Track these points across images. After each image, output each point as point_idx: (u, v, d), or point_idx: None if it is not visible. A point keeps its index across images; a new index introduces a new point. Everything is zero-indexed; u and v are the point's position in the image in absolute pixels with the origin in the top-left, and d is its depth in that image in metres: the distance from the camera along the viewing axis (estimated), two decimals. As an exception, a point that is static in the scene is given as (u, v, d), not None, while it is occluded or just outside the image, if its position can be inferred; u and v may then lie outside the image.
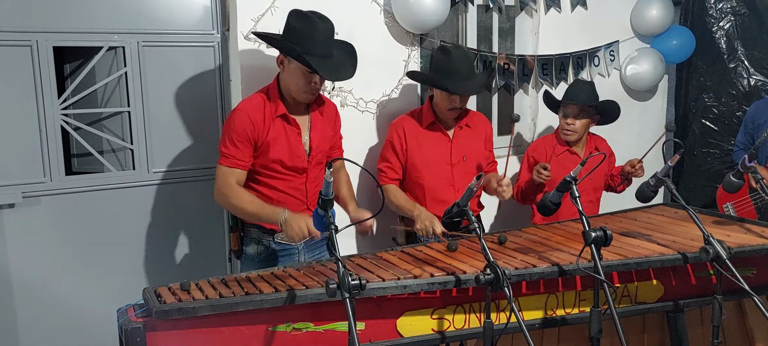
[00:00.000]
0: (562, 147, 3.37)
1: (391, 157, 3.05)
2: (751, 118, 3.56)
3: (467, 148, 3.09)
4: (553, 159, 3.33)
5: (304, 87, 2.52)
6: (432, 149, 3.04)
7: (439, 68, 2.96)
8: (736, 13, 4.05)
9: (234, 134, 2.50)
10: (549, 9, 3.83)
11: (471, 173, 3.02)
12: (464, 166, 3.06)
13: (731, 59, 4.07)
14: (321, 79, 2.54)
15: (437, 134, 3.06)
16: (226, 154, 2.52)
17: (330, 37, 2.53)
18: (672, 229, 2.77)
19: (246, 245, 2.70)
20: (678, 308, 2.52)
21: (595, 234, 2.06)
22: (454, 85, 2.90)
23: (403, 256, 2.43)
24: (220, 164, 2.54)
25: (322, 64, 2.46)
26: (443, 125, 3.07)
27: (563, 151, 3.36)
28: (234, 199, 2.50)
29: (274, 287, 2.04)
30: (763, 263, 2.60)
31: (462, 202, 2.15)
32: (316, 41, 2.47)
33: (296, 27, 2.49)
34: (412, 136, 3.03)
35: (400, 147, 3.03)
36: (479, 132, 3.15)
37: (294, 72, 2.51)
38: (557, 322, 2.35)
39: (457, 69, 2.91)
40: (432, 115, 3.05)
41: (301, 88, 2.53)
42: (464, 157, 3.07)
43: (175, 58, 3.04)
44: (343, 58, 2.64)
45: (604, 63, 4.05)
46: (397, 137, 3.03)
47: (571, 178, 2.23)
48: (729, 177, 2.71)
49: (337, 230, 1.89)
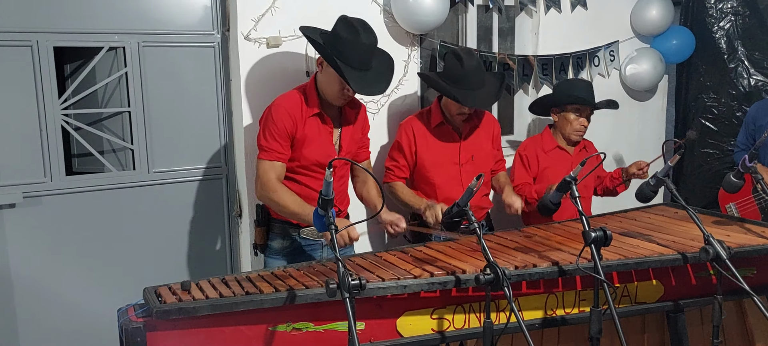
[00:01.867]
0: (552, 145, 3.37)
1: (398, 157, 3.07)
2: (753, 118, 3.56)
3: (476, 148, 3.10)
4: (544, 158, 3.34)
5: (338, 93, 2.60)
6: (441, 150, 3.06)
7: (451, 75, 2.95)
8: (737, 13, 4.05)
9: (273, 127, 2.56)
10: (549, 9, 3.83)
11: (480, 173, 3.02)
12: (473, 166, 3.07)
13: (731, 59, 4.07)
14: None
15: (446, 135, 3.07)
16: (266, 148, 2.58)
17: (371, 50, 2.58)
18: (672, 229, 2.77)
19: (272, 240, 2.75)
20: (678, 308, 2.52)
21: (595, 234, 2.07)
22: (466, 95, 2.90)
23: (403, 256, 2.43)
24: (260, 159, 2.60)
25: (357, 78, 2.51)
26: (452, 126, 3.08)
27: (553, 148, 3.36)
28: (276, 196, 2.55)
29: (274, 287, 2.04)
30: (763, 263, 2.60)
31: (462, 202, 2.15)
32: (356, 53, 2.52)
33: (340, 35, 2.54)
34: (421, 137, 3.05)
35: (409, 148, 3.05)
36: (487, 132, 3.16)
37: (330, 77, 2.57)
38: (557, 322, 2.35)
39: (470, 78, 2.91)
40: (441, 116, 3.06)
41: (336, 94, 2.60)
42: (473, 156, 3.08)
43: (175, 59, 3.05)
44: (380, 71, 2.68)
45: (604, 63, 4.05)
46: (406, 138, 3.05)
47: (571, 178, 2.24)
48: (729, 177, 2.72)
49: (337, 229, 1.90)
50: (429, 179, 3.06)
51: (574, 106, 3.29)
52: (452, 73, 2.94)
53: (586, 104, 3.27)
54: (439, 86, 3.00)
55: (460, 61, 2.92)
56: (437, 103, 3.09)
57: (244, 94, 3.00)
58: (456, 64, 2.93)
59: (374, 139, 3.35)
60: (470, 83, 2.91)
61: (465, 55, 2.94)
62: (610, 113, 3.95)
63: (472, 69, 2.91)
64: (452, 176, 3.06)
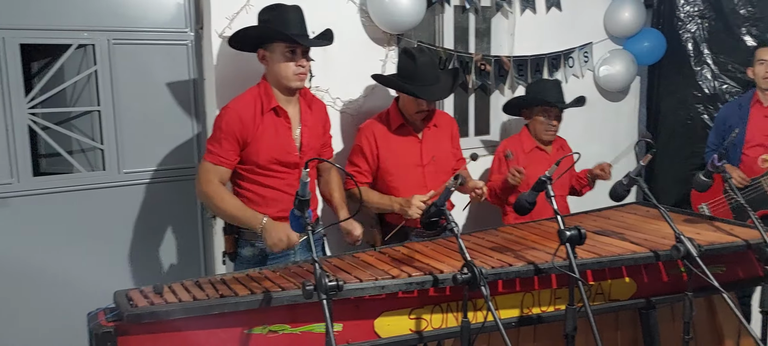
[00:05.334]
0: (531, 145, 3.40)
1: (360, 162, 3.03)
2: (723, 119, 3.63)
3: (436, 147, 3.09)
4: (524, 157, 3.36)
5: (291, 69, 2.55)
6: (402, 152, 3.03)
7: (405, 73, 2.96)
8: (703, 16, 4.12)
9: (220, 132, 2.53)
10: (524, 10, 3.86)
11: (442, 173, 3.03)
12: (435, 167, 3.07)
13: (697, 62, 4.15)
14: (305, 56, 2.57)
15: (407, 136, 3.05)
16: (211, 151, 2.55)
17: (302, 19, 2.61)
18: (644, 227, 2.81)
19: (241, 248, 2.69)
20: (650, 305, 2.56)
21: (570, 233, 2.09)
22: (422, 90, 2.90)
23: (381, 256, 2.42)
24: (204, 160, 2.57)
25: (298, 37, 2.52)
26: (412, 127, 3.06)
27: (532, 148, 3.39)
28: (215, 198, 2.52)
29: (249, 289, 2.02)
30: (732, 261, 2.66)
31: (440, 202, 2.15)
32: (290, 22, 2.55)
33: (267, 18, 2.56)
34: (382, 140, 3.02)
35: (370, 152, 3.01)
36: (445, 131, 3.16)
37: (276, 60, 2.56)
38: (533, 320, 2.37)
39: (424, 74, 2.91)
40: (400, 118, 3.04)
41: (289, 71, 2.56)
42: (434, 157, 3.07)
43: (146, 57, 2.99)
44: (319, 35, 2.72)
45: (578, 64, 4.10)
46: (367, 142, 3.01)
47: (546, 177, 2.25)
48: (698, 177, 2.76)
49: (313, 231, 1.88)
50: (391, 183, 3.02)
51: (542, 108, 3.32)
52: (406, 71, 2.95)
53: (552, 106, 3.30)
54: (393, 84, 3.00)
55: (412, 58, 2.92)
56: (395, 104, 3.08)
57: (218, 93, 2.96)
58: (409, 62, 2.94)
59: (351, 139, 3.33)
60: (424, 79, 2.91)
61: (417, 53, 2.95)
62: (585, 113, 4.00)
63: (425, 65, 2.92)
64: (415, 178, 3.02)
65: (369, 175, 3.04)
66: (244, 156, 2.59)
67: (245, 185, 2.63)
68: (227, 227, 2.71)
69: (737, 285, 2.76)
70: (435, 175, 3.04)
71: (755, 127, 3.43)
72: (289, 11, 2.57)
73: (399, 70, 3.04)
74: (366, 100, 3.35)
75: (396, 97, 3.10)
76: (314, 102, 2.78)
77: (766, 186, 3.33)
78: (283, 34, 2.51)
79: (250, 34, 2.61)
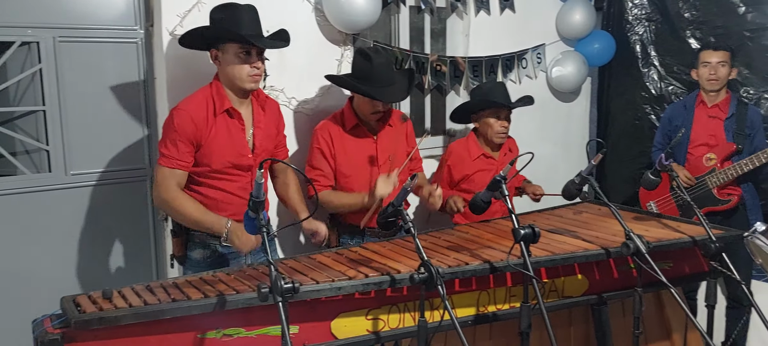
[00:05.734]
0: (478, 150, 3.37)
1: (321, 165, 2.98)
2: (668, 119, 3.74)
3: (392, 147, 3.08)
4: (471, 163, 3.35)
5: (243, 72, 2.50)
6: (358, 153, 3.01)
7: (360, 74, 2.92)
8: (650, 19, 4.24)
9: (174, 134, 2.46)
10: (479, 11, 3.90)
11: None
12: (391, 166, 3.05)
13: (645, 64, 4.26)
14: (260, 60, 2.53)
15: (362, 137, 3.03)
16: (166, 155, 2.47)
17: (256, 19, 2.56)
18: (596, 225, 2.88)
19: (191, 250, 2.64)
20: (602, 301, 2.62)
21: (524, 232, 2.12)
22: (378, 91, 2.87)
23: (338, 257, 2.41)
24: (159, 165, 2.49)
25: (254, 38, 2.47)
26: (367, 127, 3.04)
27: (479, 155, 3.36)
28: (175, 203, 2.46)
29: (202, 293, 1.98)
30: (679, 257, 2.74)
31: (397, 202, 2.15)
32: (244, 22, 2.49)
33: (220, 17, 2.51)
34: (338, 141, 2.99)
35: (329, 152, 2.98)
36: (400, 130, 3.15)
37: (230, 61, 2.50)
38: (489, 318, 2.39)
39: (380, 75, 2.88)
40: (354, 118, 3.01)
41: (243, 73, 2.51)
42: (390, 157, 3.06)
43: (94, 55, 2.91)
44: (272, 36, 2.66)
45: (531, 65, 4.17)
46: (325, 143, 2.98)
47: (501, 177, 2.28)
48: (647, 175, 2.83)
49: (269, 232, 1.86)
50: (347, 185, 3.00)
51: (492, 110, 3.32)
52: (362, 72, 2.92)
53: (502, 107, 3.31)
54: (348, 85, 2.97)
55: (368, 59, 2.89)
56: (349, 105, 3.05)
57: (169, 92, 2.89)
58: (365, 63, 2.90)
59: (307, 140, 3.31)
60: (381, 80, 2.89)
61: (373, 53, 2.92)
62: (537, 114, 4.07)
63: (381, 66, 2.89)
64: (371, 179, 2.99)
65: (331, 177, 3.00)
66: (196, 158, 2.53)
67: (197, 188, 2.57)
68: (175, 229, 2.64)
69: (684, 280, 2.85)
70: None
71: (699, 127, 3.54)
72: (243, 11, 2.52)
73: (354, 70, 3.01)
74: (322, 100, 3.33)
75: (350, 98, 3.08)
76: (267, 102, 2.73)
77: (710, 184, 3.45)
78: (236, 35, 2.45)
79: (203, 34, 2.55)
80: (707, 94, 3.53)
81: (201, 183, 2.57)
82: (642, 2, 4.23)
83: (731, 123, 3.46)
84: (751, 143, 3.42)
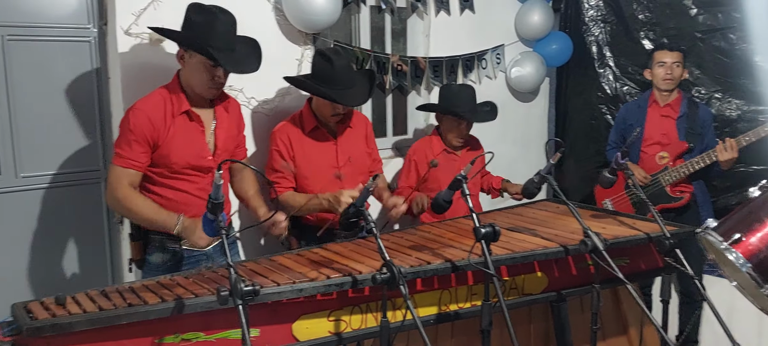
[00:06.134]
0: (441, 146, 3.44)
1: (281, 166, 2.96)
2: (622, 118, 3.82)
3: (352, 149, 3.07)
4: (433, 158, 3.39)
5: (207, 82, 2.48)
6: (318, 155, 2.98)
7: (321, 76, 2.89)
8: (606, 20, 4.33)
9: (129, 134, 2.41)
10: (439, 12, 3.92)
11: (358, 174, 3.02)
12: (351, 168, 3.05)
13: (601, 65, 4.35)
14: (225, 73, 2.49)
15: (321, 139, 3.01)
16: (120, 155, 2.43)
17: (232, 31, 2.50)
18: (554, 223, 2.92)
19: (150, 254, 2.58)
20: (561, 298, 2.66)
21: (484, 230, 2.13)
22: (339, 94, 2.84)
23: (299, 259, 2.39)
24: (113, 164, 2.44)
25: (225, 57, 2.42)
26: (326, 128, 3.02)
27: (441, 151, 3.43)
28: (128, 202, 2.41)
29: (160, 297, 1.94)
30: (635, 253, 2.80)
31: (359, 202, 2.15)
32: (218, 34, 2.43)
33: (196, 20, 2.44)
34: (297, 144, 2.96)
35: (287, 155, 2.95)
36: (360, 132, 3.14)
37: (196, 66, 2.46)
38: (451, 317, 2.41)
39: (341, 77, 2.85)
40: (314, 120, 2.99)
41: (205, 83, 2.48)
42: (350, 158, 3.05)
43: (45, 54, 2.82)
44: (246, 52, 2.61)
45: (491, 65, 4.21)
46: (284, 145, 2.95)
47: (462, 176, 2.29)
48: (604, 174, 2.89)
49: (228, 234, 1.83)
50: (307, 187, 2.97)
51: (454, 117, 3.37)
52: (322, 74, 2.88)
53: (464, 119, 3.35)
54: (310, 88, 2.94)
55: (329, 61, 2.85)
56: (308, 106, 3.02)
57: (124, 92, 2.82)
58: (325, 65, 2.86)
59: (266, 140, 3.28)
60: (342, 82, 2.86)
61: (333, 55, 2.89)
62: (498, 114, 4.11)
63: (342, 68, 2.86)
64: (332, 181, 2.99)
65: (292, 178, 2.97)
66: (154, 159, 2.49)
67: (155, 189, 2.52)
68: (134, 232, 2.59)
69: (640, 276, 2.92)
70: (352, 177, 3.02)
71: (653, 126, 3.62)
72: (220, 23, 2.44)
73: (314, 72, 2.97)
74: (281, 100, 3.30)
75: (309, 99, 3.05)
76: (229, 102, 2.70)
77: (663, 182, 3.54)
78: (208, 52, 2.39)
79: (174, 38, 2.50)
80: (660, 94, 3.61)
81: (159, 183, 2.52)
82: (598, 4, 4.32)
83: (683, 122, 3.56)
84: (701, 142, 3.52)
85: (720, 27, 3.78)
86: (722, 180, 3.73)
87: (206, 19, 2.43)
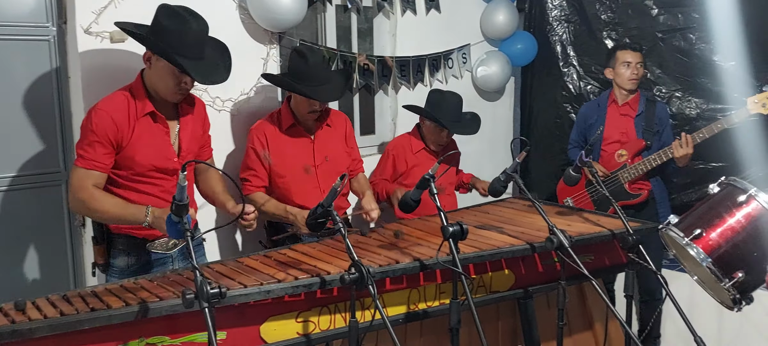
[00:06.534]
0: (419, 145, 3.50)
1: (254, 165, 2.95)
2: (583, 118, 3.88)
3: (329, 148, 3.08)
4: (412, 157, 3.45)
5: (173, 88, 2.44)
6: (295, 153, 2.99)
7: (296, 73, 2.92)
8: (569, 20, 4.40)
9: (92, 135, 2.36)
10: (405, 11, 3.93)
11: (336, 174, 3.01)
12: (328, 167, 3.05)
13: (565, 64, 4.42)
14: (192, 79, 2.43)
15: (298, 137, 3.01)
16: (83, 156, 2.37)
17: (203, 37, 2.45)
18: (521, 221, 2.96)
19: (114, 258, 2.53)
20: (528, 295, 2.69)
21: (452, 229, 2.14)
22: (314, 90, 2.86)
23: (267, 260, 2.37)
24: (75, 166, 2.39)
25: (194, 66, 2.38)
26: (304, 127, 3.03)
27: (420, 149, 3.49)
28: (93, 202, 2.35)
29: (123, 301, 1.90)
30: (599, 250, 2.85)
31: (326, 202, 2.14)
32: (188, 41, 2.38)
33: (166, 25, 2.38)
34: (273, 141, 2.96)
35: (263, 153, 2.95)
36: (340, 131, 3.15)
37: (162, 71, 2.41)
38: (420, 315, 2.42)
39: (316, 74, 2.88)
40: (291, 118, 3.00)
41: (171, 89, 2.44)
42: (327, 157, 3.05)
43: (2, 54, 2.75)
44: (215, 59, 2.57)
45: (457, 65, 4.23)
46: (259, 143, 2.95)
47: (430, 175, 2.30)
48: (568, 172, 2.93)
49: (192, 236, 1.80)
50: (284, 186, 2.98)
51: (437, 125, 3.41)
52: (297, 71, 2.91)
53: (446, 128, 3.40)
54: (285, 84, 2.97)
55: (303, 58, 2.89)
56: (287, 104, 3.03)
57: (85, 92, 2.76)
58: (300, 62, 2.90)
59: (239, 139, 3.26)
60: (316, 79, 2.89)
61: (308, 52, 2.92)
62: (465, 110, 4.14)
63: (317, 65, 2.90)
64: (308, 180, 3.00)
65: (265, 178, 2.97)
66: (118, 161, 2.44)
67: (120, 191, 2.47)
68: (97, 235, 2.53)
69: (604, 272, 2.97)
70: (328, 176, 3.02)
71: (612, 124, 3.69)
72: (190, 31, 2.38)
73: (290, 69, 2.99)
74: (246, 99, 3.27)
75: (287, 98, 3.05)
76: (194, 102, 2.66)
77: (622, 179, 3.61)
78: (175, 61, 2.34)
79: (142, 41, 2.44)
80: (620, 93, 3.68)
81: (123, 186, 2.47)
82: (561, 4, 4.38)
83: (641, 120, 3.63)
84: (659, 139, 3.59)
85: (680, 27, 3.87)
86: (682, 177, 3.82)
87: (177, 25, 2.38)
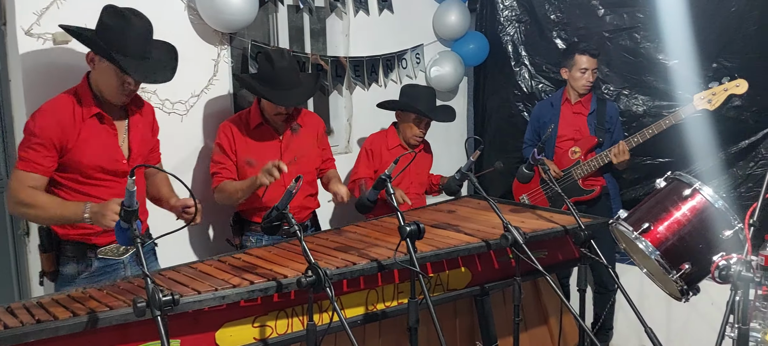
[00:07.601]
0: (396, 141, 3.55)
1: (222, 159, 2.97)
2: (536, 116, 3.96)
3: (299, 149, 3.07)
4: (387, 154, 3.48)
5: (116, 88, 2.38)
6: (262, 153, 2.98)
7: (264, 76, 2.92)
8: (520, 20, 4.47)
9: (34, 138, 2.29)
10: (358, 12, 3.92)
11: (304, 174, 2.99)
12: (296, 168, 3.02)
13: (517, 63, 4.48)
14: (136, 80, 2.37)
15: (266, 136, 3.02)
16: (24, 158, 2.30)
17: (147, 37, 2.40)
18: (476, 219, 2.99)
19: (63, 265, 2.45)
20: (484, 292, 2.72)
21: (409, 228, 2.15)
22: (279, 96, 2.88)
23: (221, 265, 2.33)
24: (15, 169, 2.32)
25: (135, 66, 2.32)
26: (272, 127, 3.02)
27: (396, 145, 3.53)
28: (30, 203, 2.28)
29: (71, 312, 1.83)
30: (552, 246, 2.91)
31: (281, 205, 2.11)
32: (131, 41, 2.33)
33: (109, 24, 2.33)
34: (239, 140, 2.97)
35: (229, 149, 2.96)
36: (311, 131, 3.15)
37: (105, 72, 2.35)
38: (378, 316, 2.41)
39: (283, 78, 2.88)
40: (260, 117, 3.00)
41: (114, 89, 2.38)
42: (296, 158, 3.04)
43: (-65, 55, 2.60)
44: (161, 59, 2.51)
45: (411, 65, 4.25)
46: (226, 139, 2.97)
47: (386, 176, 2.30)
48: (522, 169, 2.98)
49: (143, 243, 1.75)
50: None
51: (416, 116, 3.45)
52: (265, 74, 2.92)
53: (426, 116, 3.45)
54: (252, 87, 2.97)
55: (270, 62, 2.89)
56: (257, 103, 3.04)
57: (26, 96, 2.65)
58: (267, 66, 2.91)
59: (188, 141, 3.19)
60: (283, 83, 2.89)
61: (276, 56, 2.92)
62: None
63: (284, 69, 2.89)
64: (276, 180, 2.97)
65: (234, 170, 2.98)
66: (64, 163, 2.36)
67: (67, 195, 2.39)
68: (45, 243, 2.44)
69: (558, 267, 3.04)
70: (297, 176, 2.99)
71: (565, 123, 3.77)
72: (133, 29, 2.33)
73: (258, 71, 3.03)
74: (197, 101, 3.20)
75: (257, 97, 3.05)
76: (142, 105, 2.60)
77: (575, 176, 3.69)
78: (117, 62, 2.28)
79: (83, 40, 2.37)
80: (573, 93, 3.76)
81: (70, 189, 2.39)
82: (512, 4, 4.45)
83: (593, 118, 3.72)
84: (610, 136, 3.70)
85: (626, 27, 3.97)
86: (630, 172, 3.93)
87: (119, 24, 2.33)
